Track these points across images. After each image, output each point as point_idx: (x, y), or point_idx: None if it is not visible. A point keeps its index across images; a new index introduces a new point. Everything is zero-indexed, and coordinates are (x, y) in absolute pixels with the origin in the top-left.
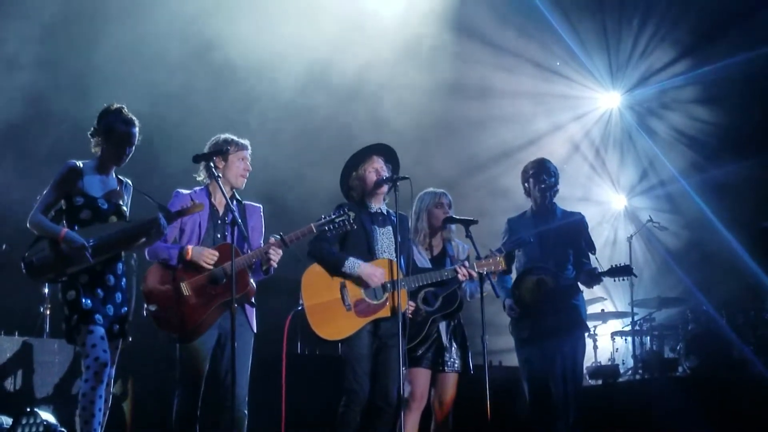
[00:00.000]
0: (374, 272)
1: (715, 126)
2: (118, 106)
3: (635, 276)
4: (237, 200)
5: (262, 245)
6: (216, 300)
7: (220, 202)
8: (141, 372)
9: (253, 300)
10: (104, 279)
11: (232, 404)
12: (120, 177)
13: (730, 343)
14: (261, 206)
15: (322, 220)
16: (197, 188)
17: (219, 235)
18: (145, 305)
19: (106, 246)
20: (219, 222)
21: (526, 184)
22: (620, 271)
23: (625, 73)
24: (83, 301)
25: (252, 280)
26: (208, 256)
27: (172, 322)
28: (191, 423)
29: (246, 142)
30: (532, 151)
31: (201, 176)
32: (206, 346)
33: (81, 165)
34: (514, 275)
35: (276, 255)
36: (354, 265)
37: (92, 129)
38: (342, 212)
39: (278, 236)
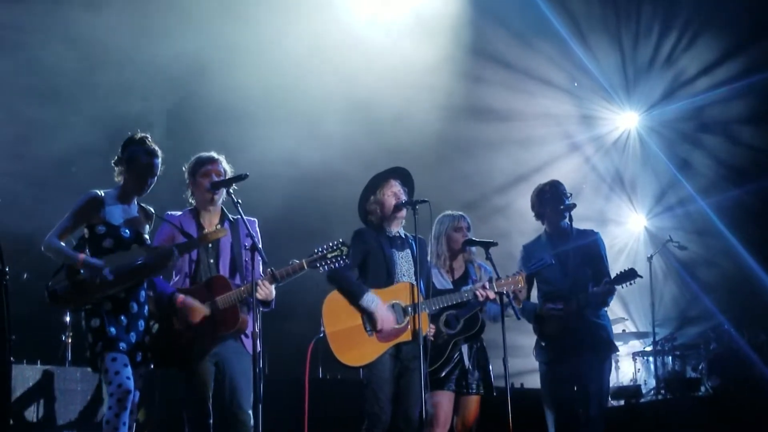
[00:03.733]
0: (386, 320)
1: (745, 146)
2: (143, 135)
3: (640, 277)
4: (229, 220)
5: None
6: (208, 335)
7: (210, 224)
8: (163, 398)
9: (247, 332)
10: (128, 306)
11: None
12: (142, 204)
13: (752, 362)
14: (256, 220)
15: (314, 256)
16: (185, 209)
17: (212, 260)
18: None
19: (128, 273)
20: (210, 246)
21: (540, 208)
22: (626, 276)
23: (643, 92)
24: (108, 328)
25: (243, 315)
26: (197, 314)
27: (167, 354)
28: None
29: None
30: (549, 172)
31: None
32: (205, 373)
33: (103, 194)
34: (534, 299)
35: (264, 290)
36: (371, 302)
37: (116, 157)
38: (335, 247)
39: (269, 271)
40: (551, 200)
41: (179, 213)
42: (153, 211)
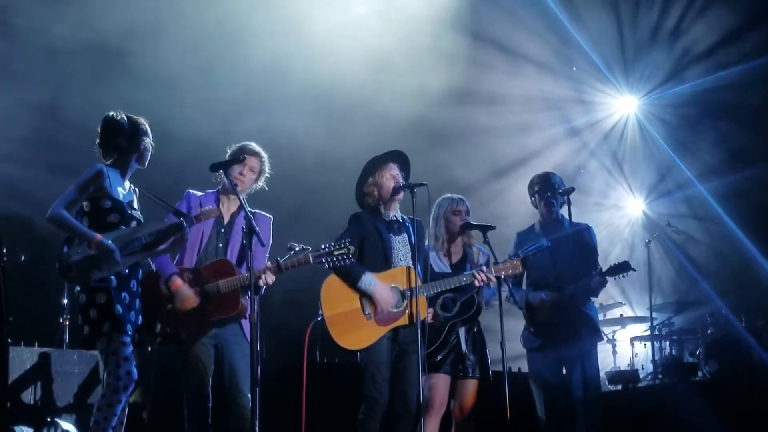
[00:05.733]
0: (386, 299)
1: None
2: (127, 115)
3: (633, 270)
4: (246, 212)
5: (267, 257)
6: (208, 316)
7: (227, 210)
8: (159, 379)
9: (246, 315)
10: (129, 284)
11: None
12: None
13: (750, 347)
14: (271, 217)
15: (321, 251)
16: (209, 191)
17: (221, 245)
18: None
19: (136, 251)
20: (222, 231)
21: (532, 198)
22: (619, 269)
23: (643, 73)
24: (116, 306)
25: (243, 300)
26: (188, 304)
27: (166, 335)
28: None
29: (254, 148)
30: (548, 156)
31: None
32: (205, 356)
33: (106, 169)
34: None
35: (268, 279)
36: (370, 283)
37: (116, 140)
38: (342, 245)
39: (275, 261)
40: (541, 192)
41: (201, 193)
42: (137, 189)
